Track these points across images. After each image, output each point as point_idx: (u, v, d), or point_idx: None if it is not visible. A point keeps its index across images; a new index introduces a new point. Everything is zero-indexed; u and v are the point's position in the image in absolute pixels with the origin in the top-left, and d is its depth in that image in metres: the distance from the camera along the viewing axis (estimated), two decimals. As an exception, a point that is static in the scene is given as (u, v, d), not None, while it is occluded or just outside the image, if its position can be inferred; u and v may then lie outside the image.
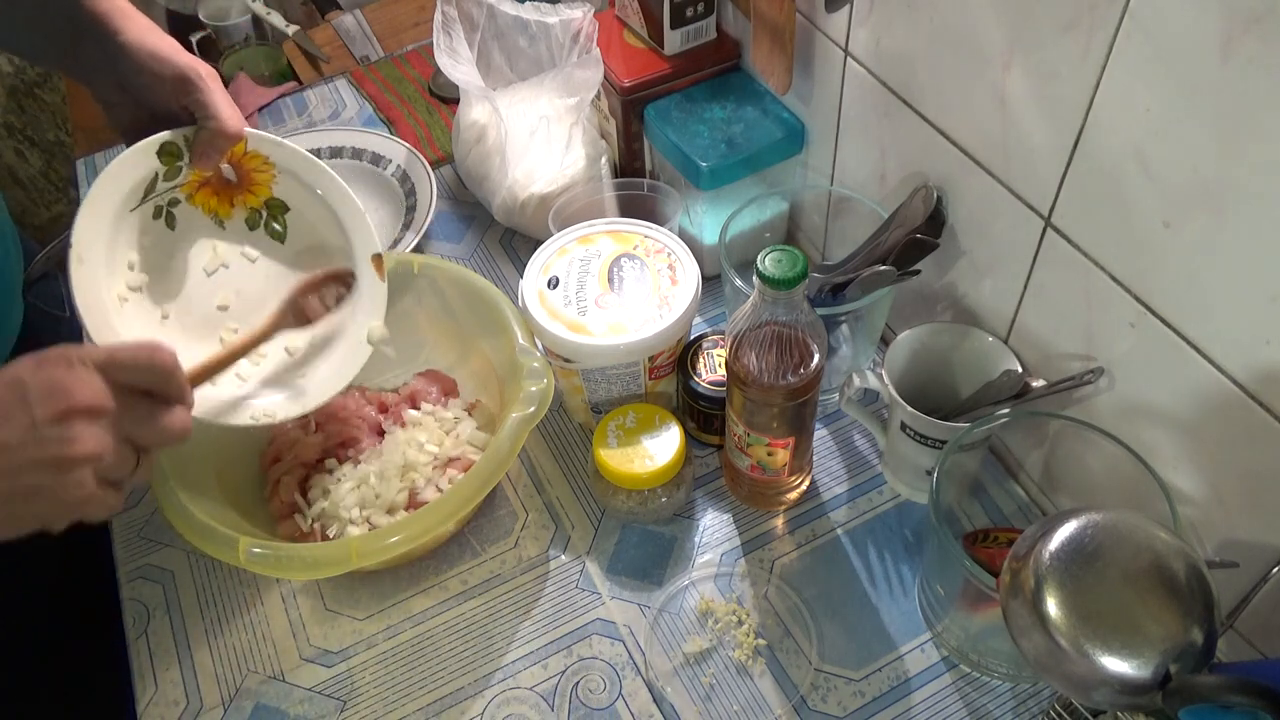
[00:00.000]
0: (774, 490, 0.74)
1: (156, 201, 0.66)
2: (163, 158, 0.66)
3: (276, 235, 0.71)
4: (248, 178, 0.69)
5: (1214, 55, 0.47)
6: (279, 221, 0.71)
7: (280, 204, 0.71)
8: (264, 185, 0.70)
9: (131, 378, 0.51)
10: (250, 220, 0.71)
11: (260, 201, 0.70)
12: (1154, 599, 0.45)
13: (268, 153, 0.69)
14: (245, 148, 0.68)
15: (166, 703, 0.68)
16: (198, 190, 0.68)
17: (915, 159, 0.73)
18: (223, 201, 0.69)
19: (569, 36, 0.89)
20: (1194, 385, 0.56)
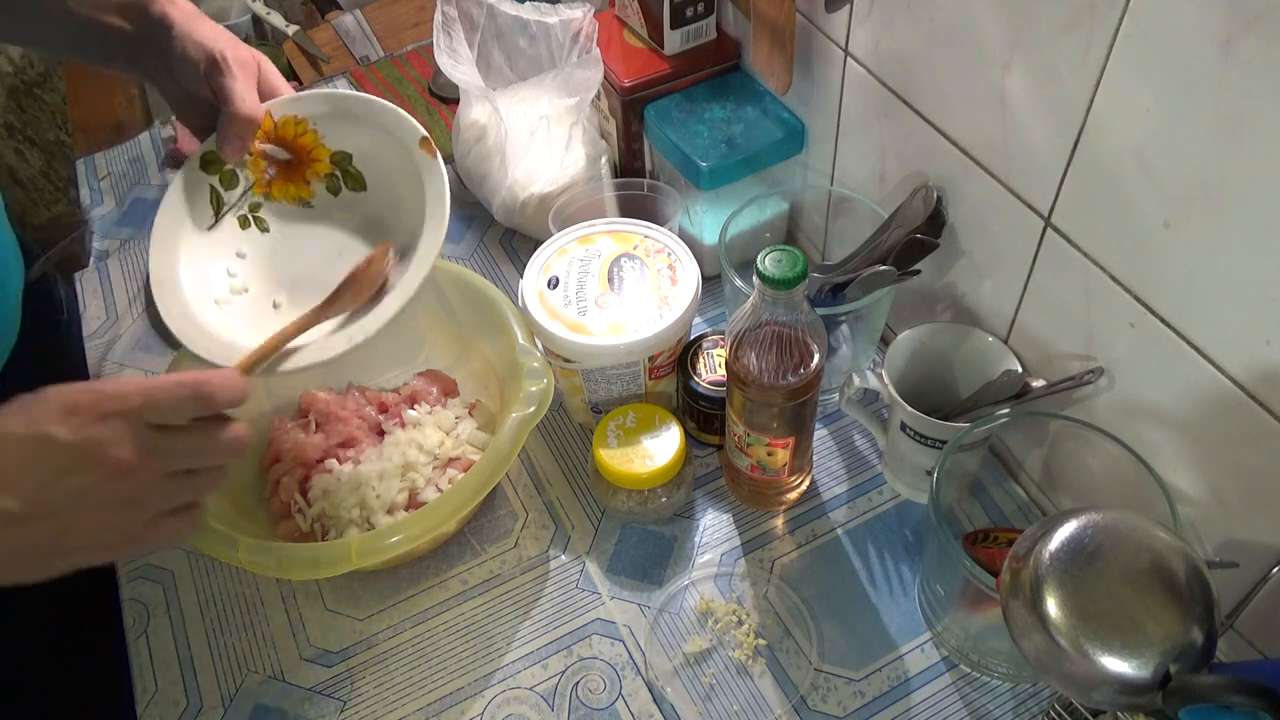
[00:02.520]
0: (774, 490, 0.74)
1: (237, 213, 0.66)
2: (210, 169, 0.66)
3: (359, 185, 0.68)
4: (300, 148, 0.67)
5: (1214, 55, 0.47)
6: (351, 171, 0.68)
7: (343, 155, 0.67)
8: (317, 145, 0.67)
9: (174, 416, 0.49)
10: (330, 186, 0.68)
11: (327, 164, 0.67)
12: (1154, 599, 0.45)
13: (296, 113, 0.66)
14: (275, 123, 0.66)
15: (166, 703, 0.68)
16: (270, 185, 0.67)
17: (915, 159, 0.73)
18: (297, 183, 0.67)
19: (569, 36, 0.89)
20: (1194, 385, 0.56)
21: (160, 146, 1.11)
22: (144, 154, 1.11)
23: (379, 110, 0.65)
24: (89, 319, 0.94)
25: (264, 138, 0.66)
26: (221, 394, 0.50)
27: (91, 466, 0.45)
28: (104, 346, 0.91)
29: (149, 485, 0.47)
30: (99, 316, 0.94)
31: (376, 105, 0.66)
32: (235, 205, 0.66)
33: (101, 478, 0.45)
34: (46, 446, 0.45)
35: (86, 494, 0.45)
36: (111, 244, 1.01)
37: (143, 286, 0.96)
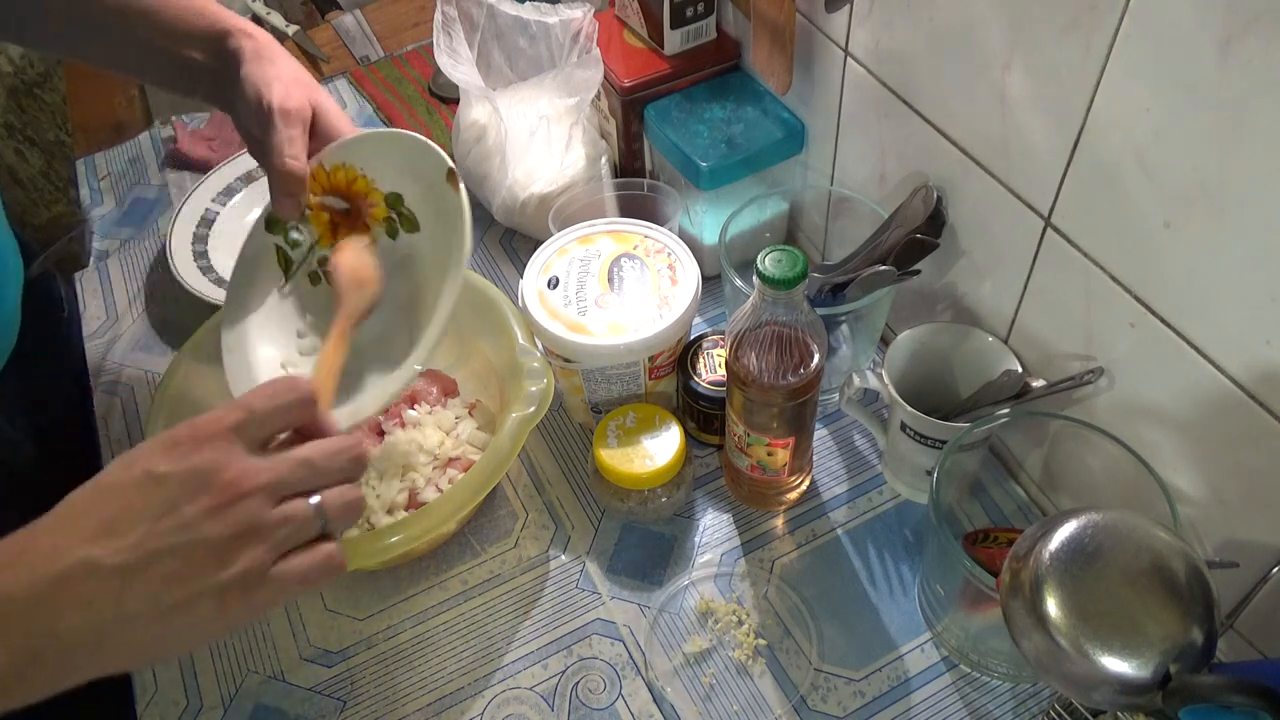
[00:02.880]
0: (774, 490, 0.74)
1: (306, 269, 0.65)
2: (274, 229, 0.65)
3: (413, 226, 0.65)
4: (355, 195, 0.64)
5: (1214, 55, 0.47)
6: (405, 212, 0.65)
7: (395, 196, 0.64)
8: (370, 190, 0.65)
9: (276, 421, 0.45)
10: (389, 230, 0.65)
11: (383, 207, 0.64)
12: (1154, 599, 0.45)
13: (343, 160, 0.64)
14: (326, 172, 0.64)
15: (166, 703, 0.68)
16: (334, 236, 0.65)
17: (915, 159, 0.73)
18: (360, 230, 0.65)
19: (569, 36, 0.89)
20: (1194, 385, 0.56)
21: (160, 146, 1.11)
22: (144, 154, 1.11)
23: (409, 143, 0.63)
24: (89, 319, 0.94)
25: (319, 190, 0.64)
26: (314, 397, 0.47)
27: (198, 494, 0.41)
28: (104, 346, 0.91)
29: (265, 508, 0.42)
30: (99, 316, 0.94)
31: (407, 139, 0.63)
32: (304, 261, 0.64)
33: (212, 505, 0.41)
34: (148, 484, 0.41)
35: (197, 526, 0.41)
36: (111, 244, 1.01)
37: (143, 286, 0.96)
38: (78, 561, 0.40)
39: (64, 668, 0.41)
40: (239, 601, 0.42)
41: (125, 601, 0.40)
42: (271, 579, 0.43)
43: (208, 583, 0.41)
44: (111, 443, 0.83)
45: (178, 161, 1.08)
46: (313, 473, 0.45)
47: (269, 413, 0.45)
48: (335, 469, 0.45)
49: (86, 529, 0.41)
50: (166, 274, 0.91)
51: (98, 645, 0.40)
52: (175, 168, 1.08)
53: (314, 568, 0.44)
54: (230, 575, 0.41)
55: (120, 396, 0.87)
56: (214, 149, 1.08)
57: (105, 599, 0.40)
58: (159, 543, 0.40)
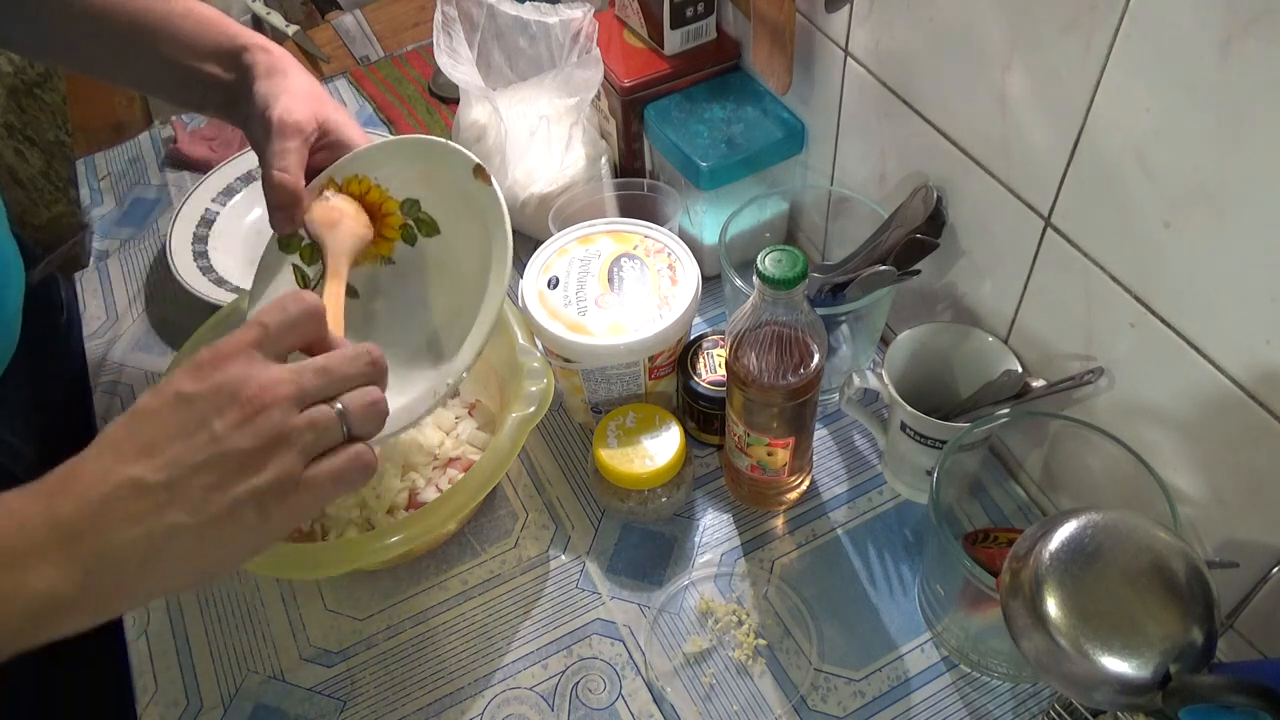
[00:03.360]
0: (774, 490, 0.74)
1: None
2: (288, 248, 0.65)
3: (432, 229, 0.65)
4: (370, 206, 0.64)
5: (1214, 55, 0.47)
6: (423, 217, 0.65)
7: (412, 202, 0.64)
8: (385, 199, 0.64)
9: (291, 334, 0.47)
10: (406, 236, 0.65)
11: (399, 215, 0.64)
12: (1154, 599, 0.45)
13: (355, 172, 0.64)
14: (338, 186, 0.64)
15: (166, 703, 0.68)
16: None
17: (915, 159, 0.73)
18: (376, 242, 0.65)
19: (569, 36, 0.89)
20: (1194, 385, 0.56)
21: (160, 146, 1.11)
22: (144, 154, 1.11)
23: (428, 146, 0.63)
24: (89, 319, 0.94)
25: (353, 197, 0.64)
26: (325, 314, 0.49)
27: (225, 409, 0.43)
28: (104, 346, 0.91)
29: (290, 415, 0.44)
30: (99, 316, 0.94)
31: (425, 143, 0.63)
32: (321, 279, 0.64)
33: (239, 418, 0.43)
34: (179, 405, 0.43)
35: (228, 438, 0.43)
36: (111, 244, 1.01)
37: (143, 286, 0.96)
38: (123, 480, 0.42)
39: (122, 585, 0.43)
40: (278, 506, 0.44)
41: (170, 514, 0.42)
42: (306, 482, 0.44)
43: (245, 489, 0.43)
44: (111, 443, 0.83)
45: (178, 161, 1.08)
46: (331, 379, 0.46)
47: (282, 325, 0.46)
48: (354, 374, 0.47)
49: (127, 451, 0.43)
50: (166, 274, 0.91)
51: (151, 559, 0.42)
52: (175, 168, 1.08)
53: (344, 467, 0.45)
54: (265, 481, 0.43)
55: (120, 396, 0.87)
56: (214, 149, 1.08)
57: (152, 513, 0.42)
58: (194, 457, 0.42)
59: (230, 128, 1.10)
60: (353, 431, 0.46)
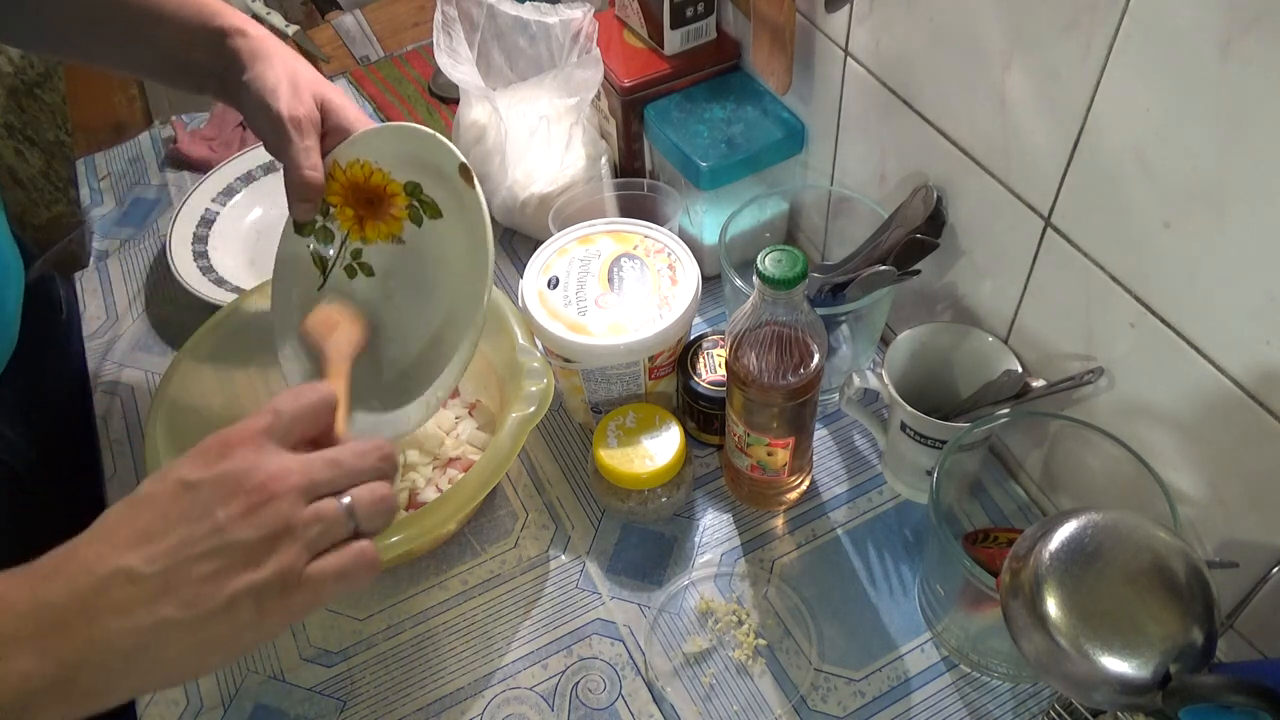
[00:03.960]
0: (774, 490, 0.74)
1: (342, 265, 0.66)
2: (303, 231, 0.66)
3: (436, 212, 0.65)
4: (374, 189, 0.65)
5: (1214, 55, 0.47)
6: (426, 199, 0.65)
7: (414, 185, 0.65)
8: (388, 181, 0.65)
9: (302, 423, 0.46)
10: (413, 217, 0.66)
11: (404, 196, 0.65)
12: (1154, 599, 0.45)
13: (357, 157, 0.65)
14: (343, 169, 0.64)
15: (166, 703, 0.68)
16: (362, 229, 0.66)
17: (915, 159, 0.73)
18: (386, 220, 0.65)
19: (569, 36, 0.89)
20: (1194, 385, 0.56)
21: (160, 146, 1.11)
22: (144, 154, 1.11)
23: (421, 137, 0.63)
24: (89, 319, 0.94)
25: (338, 188, 0.65)
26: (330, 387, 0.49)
27: (229, 498, 0.42)
28: (104, 346, 0.91)
29: (297, 508, 0.42)
30: (99, 316, 0.94)
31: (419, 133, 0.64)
32: (338, 258, 0.65)
33: (243, 508, 0.41)
34: (181, 492, 0.42)
35: (230, 528, 0.41)
36: (111, 244, 1.01)
37: (143, 286, 0.96)
38: (115, 570, 0.40)
39: (107, 679, 0.41)
40: (277, 603, 0.42)
41: (161, 607, 0.40)
42: (307, 579, 0.43)
43: (243, 584, 0.41)
44: (111, 443, 0.83)
45: (178, 161, 1.08)
46: (341, 472, 0.45)
47: (295, 413, 0.46)
48: (365, 468, 0.46)
49: (123, 539, 0.41)
50: (166, 274, 0.91)
51: (138, 653, 0.40)
52: (175, 168, 1.08)
53: (348, 565, 0.44)
54: (265, 576, 0.41)
55: (120, 396, 0.87)
56: (214, 149, 1.08)
57: (142, 605, 0.40)
58: (193, 548, 0.41)
59: (230, 128, 1.10)
60: (360, 527, 0.45)
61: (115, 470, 0.81)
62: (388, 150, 0.64)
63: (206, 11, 0.64)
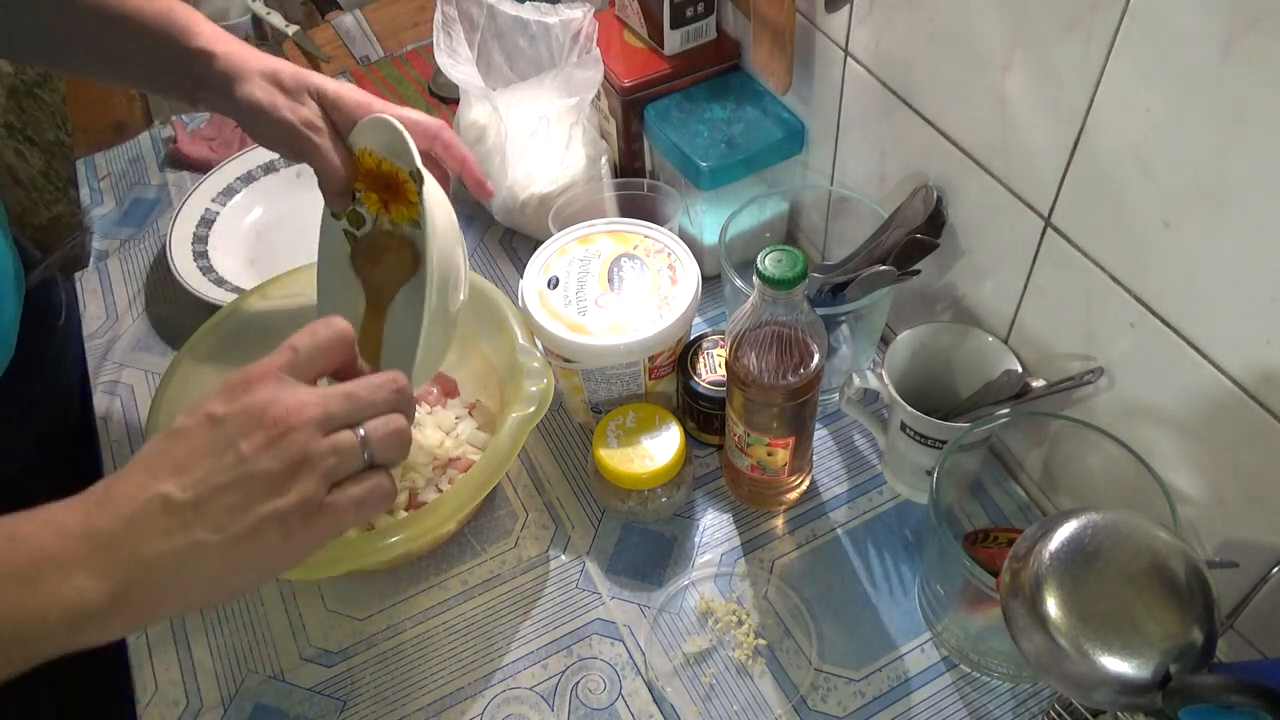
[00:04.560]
0: (774, 490, 0.74)
1: None
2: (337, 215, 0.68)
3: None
4: (385, 175, 0.66)
5: (1214, 55, 0.47)
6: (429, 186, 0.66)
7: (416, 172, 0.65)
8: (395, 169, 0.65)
9: (320, 359, 0.49)
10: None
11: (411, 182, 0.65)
12: (1154, 599, 0.45)
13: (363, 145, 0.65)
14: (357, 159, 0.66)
15: (166, 703, 0.68)
16: (386, 211, 0.67)
17: (915, 159, 0.73)
18: (405, 204, 0.66)
19: (569, 36, 0.89)
20: (1194, 385, 0.56)
21: (160, 146, 1.11)
22: (144, 154, 1.11)
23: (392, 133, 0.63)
24: (89, 319, 0.94)
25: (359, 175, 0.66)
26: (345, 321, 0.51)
27: (252, 431, 0.45)
28: (104, 346, 0.91)
29: (315, 438, 0.45)
30: (99, 317, 0.94)
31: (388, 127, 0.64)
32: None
33: (264, 440, 0.44)
34: (209, 426, 0.45)
35: (254, 459, 0.44)
36: (111, 244, 1.01)
37: (143, 286, 0.96)
38: (154, 497, 0.43)
39: (153, 598, 0.44)
40: (301, 528, 0.45)
41: (196, 532, 0.43)
42: (328, 506, 0.46)
43: (268, 510, 0.44)
44: (111, 443, 0.83)
45: (178, 161, 1.08)
46: (357, 405, 0.48)
47: (311, 349, 0.49)
48: (379, 401, 0.48)
49: (160, 469, 0.44)
50: (166, 274, 0.91)
51: (178, 574, 0.44)
52: (175, 168, 1.08)
53: (365, 494, 0.47)
54: (288, 503, 0.44)
55: (120, 396, 0.87)
56: (214, 149, 1.08)
57: (179, 530, 0.43)
58: (221, 477, 0.44)
59: (230, 128, 1.10)
60: (375, 458, 0.48)
61: (115, 470, 0.81)
62: (380, 141, 0.65)
63: (175, 30, 0.64)
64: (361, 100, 0.65)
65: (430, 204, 0.61)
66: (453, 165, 0.69)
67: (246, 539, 0.44)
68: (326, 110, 0.64)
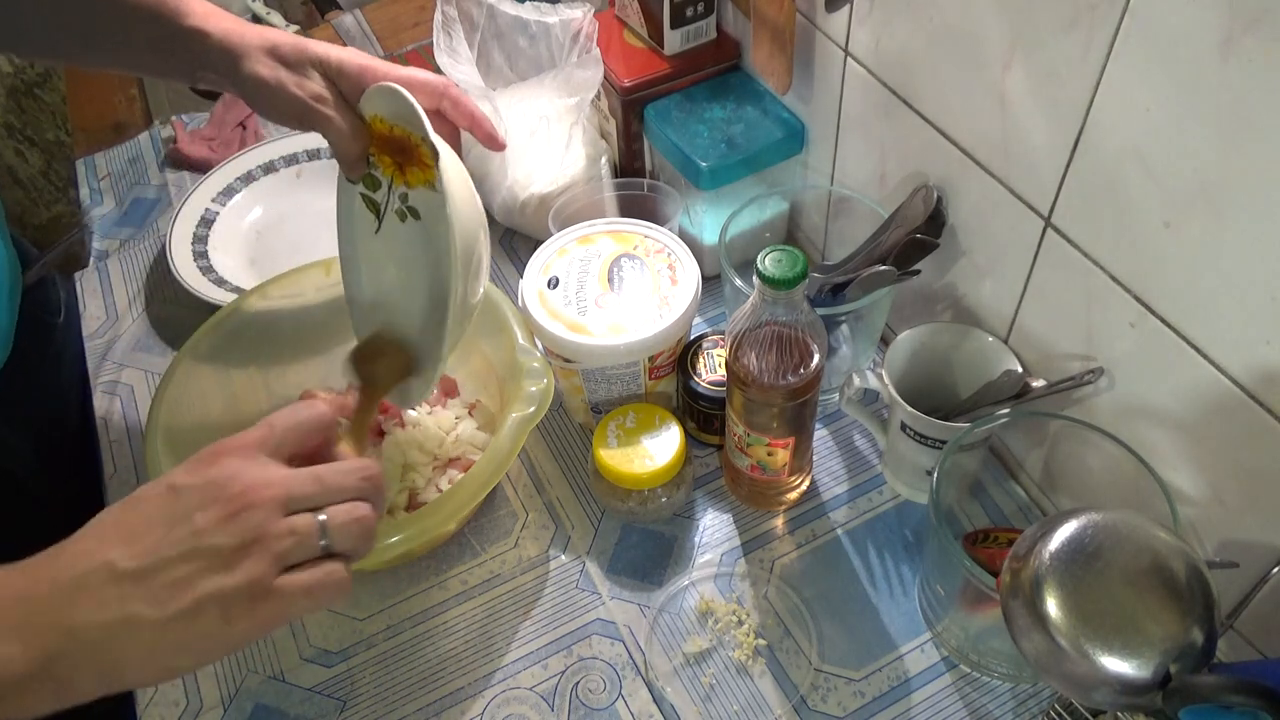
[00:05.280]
0: (774, 490, 0.74)
1: (393, 209, 0.67)
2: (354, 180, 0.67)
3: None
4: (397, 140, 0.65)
5: (1214, 55, 0.47)
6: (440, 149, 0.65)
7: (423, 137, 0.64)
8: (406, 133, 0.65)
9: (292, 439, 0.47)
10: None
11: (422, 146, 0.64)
12: (1154, 599, 0.45)
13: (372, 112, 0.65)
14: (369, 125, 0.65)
15: (166, 703, 0.68)
16: (402, 174, 0.66)
17: (915, 159, 0.73)
18: (420, 166, 0.65)
19: (569, 36, 0.89)
20: (1194, 385, 0.56)
21: (160, 146, 1.11)
22: (144, 154, 1.11)
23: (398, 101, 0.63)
24: (89, 319, 0.94)
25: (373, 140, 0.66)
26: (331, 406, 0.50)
27: (210, 504, 0.43)
28: (104, 346, 0.91)
29: (272, 519, 0.43)
30: (99, 317, 0.94)
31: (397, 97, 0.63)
32: (389, 203, 0.66)
33: (221, 514, 0.43)
34: (169, 495, 0.44)
35: (207, 533, 0.42)
36: (111, 244, 1.01)
37: (143, 286, 0.96)
38: (98, 564, 0.42)
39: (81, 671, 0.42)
40: (244, 613, 0.43)
41: (133, 603, 0.42)
42: (275, 591, 0.43)
43: (212, 588, 0.42)
44: (111, 443, 0.83)
45: (178, 161, 1.08)
46: (322, 489, 0.46)
47: (288, 428, 0.47)
48: (346, 486, 0.47)
49: (109, 537, 0.43)
50: (166, 274, 0.91)
51: (108, 648, 0.42)
52: (175, 168, 1.08)
53: (316, 582, 0.44)
54: (234, 583, 0.42)
55: (120, 396, 0.87)
56: (214, 149, 1.08)
57: (116, 600, 0.42)
58: (170, 549, 0.42)
59: (230, 128, 1.10)
60: (333, 546, 0.45)
61: (115, 470, 0.81)
62: (389, 108, 0.64)
63: (166, 11, 0.63)
64: (364, 64, 0.64)
65: (450, 181, 0.60)
66: (462, 122, 0.68)
67: (185, 618, 0.42)
68: (331, 79, 0.63)
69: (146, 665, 0.43)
